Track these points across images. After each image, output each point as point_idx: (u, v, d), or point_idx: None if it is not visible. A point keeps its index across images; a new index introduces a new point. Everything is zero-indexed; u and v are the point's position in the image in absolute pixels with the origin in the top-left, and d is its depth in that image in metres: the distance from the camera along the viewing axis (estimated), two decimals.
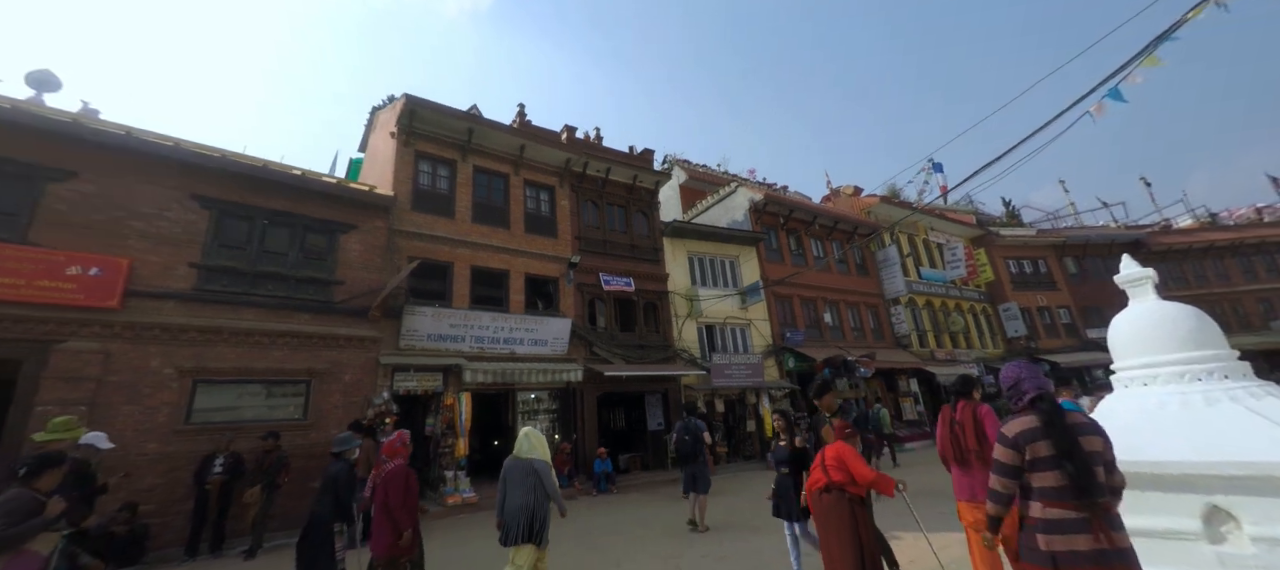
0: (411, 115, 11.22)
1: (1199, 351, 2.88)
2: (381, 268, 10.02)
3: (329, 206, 9.71)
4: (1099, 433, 2.06)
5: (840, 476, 3.48)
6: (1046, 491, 2.00)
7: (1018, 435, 2.11)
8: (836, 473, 3.51)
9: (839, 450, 3.58)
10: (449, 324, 10.26)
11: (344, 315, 9.34)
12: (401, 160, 11.14)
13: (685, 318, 14.11)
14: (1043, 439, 2.04)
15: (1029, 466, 2.07)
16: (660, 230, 14.97)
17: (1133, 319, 3.17)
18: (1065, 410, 2.14)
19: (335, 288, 9.43)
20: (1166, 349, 2.96)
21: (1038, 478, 2.04)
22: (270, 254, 9.01)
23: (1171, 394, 2.85)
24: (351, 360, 9.20)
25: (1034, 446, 2.06)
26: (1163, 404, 2.85)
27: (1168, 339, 2.97)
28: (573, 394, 11.60)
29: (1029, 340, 21.86)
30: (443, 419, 9.71)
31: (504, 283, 11.72)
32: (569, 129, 14.30)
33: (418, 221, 10.84)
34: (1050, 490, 1.99)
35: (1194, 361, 2.87)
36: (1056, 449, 2.00)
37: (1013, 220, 26.31)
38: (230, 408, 8.07)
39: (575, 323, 12.15)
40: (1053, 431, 2.03)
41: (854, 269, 19.68)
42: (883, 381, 17.66)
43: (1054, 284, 23.56)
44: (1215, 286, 24.00)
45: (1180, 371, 2.88)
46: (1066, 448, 1.99)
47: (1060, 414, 2.09)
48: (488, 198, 12.34)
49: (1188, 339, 2.91)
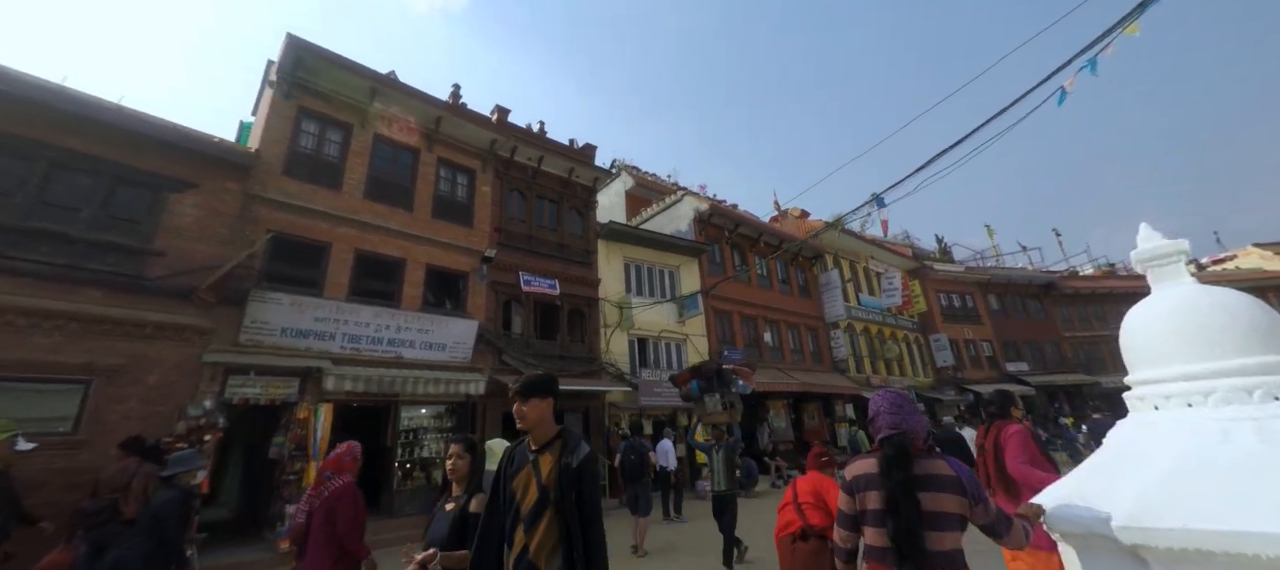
0: (295, 62, 9.29)
1: (1272, 356, 1.89)
2: (228, 241, 7.93)
3: (159, 156, 7.57)
4: (957, 489, 1.70)
5: (821, 519, 2.79)
6: (871, 551, 1.79)
7: (854, 479, 1.88)
8: (815, 513, 2.83)
9: (815, 483, 2.94)
10: (314, 317, 8.28)
11: (158, 296, 7.17)
12: (276, 114, 9.14)
13: (615, 328, 12.77)
14: (877, 488, 1.78)
15: (861, 518, 1.84)
16: (596, 231, 13.65)
17: (1163, 312, 2.16)
18: (930, 456, 1.78)
19: (150, 260, 7.26)
20: (1222, 352, 1.97)
21: (868, 532, 1.80)
22: (52, 208, 6.75)
23: (1236, 420, 1.84)
24: (162, 356, 7.02)
25: (867, 495, 1.81)
26: (1226, 435, 1.83)
27: (1223, 338, 1.98)
28: (473, 409, 9.83)
29: (956, 371, 22.47)
30: (292, 437, 7.66)
31: (398, 273, 9.86)
32: (501, 110, 12.78)
33: (289, 189, 8.84)
34: (873, 550, 1.78)
35: (1269, 371, 1.87)
36: (885, 502, 1.74)
37: (944, 256, 27.49)
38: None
39: (484, 326, 10.46)
40: (887, 481, 1.74)
41: (796, 290, 19.33)
42: (820, 406, 17.13)
43: (979, 318, 24.58)
44: (1114, 327, 26.00)
45: (1246, 386, 1.89)
46: (893, 502, 1.71)
47: (903, 462, 1.75)
48: (389, 173, 10.51)
49: (1254, 338, 1.93)
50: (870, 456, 1.87)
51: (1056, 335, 25.38)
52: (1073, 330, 25.72)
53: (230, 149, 8.22)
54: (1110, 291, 26.49)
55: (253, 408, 7.73)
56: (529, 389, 2.03)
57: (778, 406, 16.27)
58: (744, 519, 8.87)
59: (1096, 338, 25.77)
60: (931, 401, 20.58)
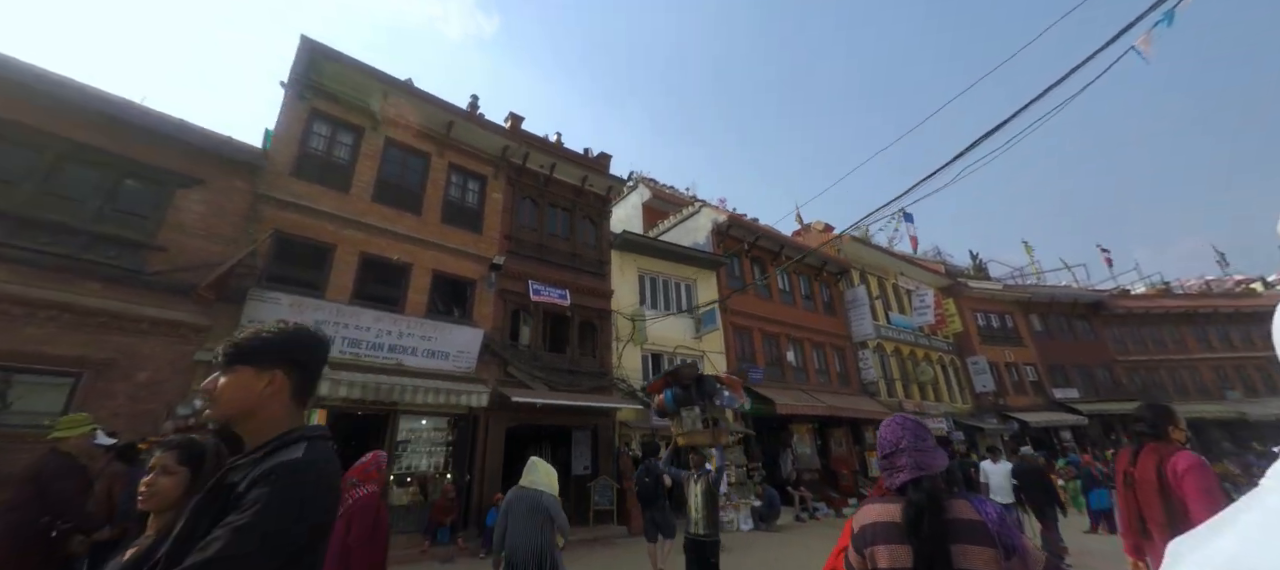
0: (309, 64, 9.33)
1: None
2: (232, 239, 7.79)
3: (167, 152, 7.54)
4: (985, 540, 1.34)
5: None
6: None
7: (864, 530, 1.51)
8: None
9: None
10: (314, 319, 7.98)
11: (157, 291, 7.00)
12: (289, 114, 9.14)
13: (627, 342, 12.17)
14: (902, 542, 1.41)
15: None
16: (609, 241, 13.23)
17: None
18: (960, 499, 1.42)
19: (151, 254, 7.13)
20: None
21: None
22: (57, 198, 6.70)
23: None
24: (155, 352, 6.79)
25: (879, 550, 1.44)
26: None
27: None
28: (474, 423, 9.30)
29: (997, 397, 20.83)
30: None
31: (403, 278, 9.58)
32: (515, 118, 12.68)
33: (296, 190, 8.73)
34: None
35: None
36: (913, 560, 1.38)
37: (980, 273, 26.00)
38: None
39: (490, 336, 10.02)
40: (916, 535, 1.38)
41: (821, 307, 18.37)
42: (848, 431, 15.94)
43: (1021, 340, 22.92)
44: (1172, 353, 23.94)
45: None
46: (926, 561, 1.35)
47: (936, 511, 1.38)
48: (400, 177, 10.37)
49: None
50: (885, 502, 1.53)
51: (1108, 359, 23.40)
52: (1126, 354, 23.68)
53: (240, 148, 8.17)
54: (1167, 312, 24.40)
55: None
56: (237, 354, 1.14)
57: (802, 431, 15.21)
58: (766, 557, 8.00)
59: (1155, 361, 23.64)
60: (971, 430, 19.02)
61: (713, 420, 5.44)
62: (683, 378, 5.72)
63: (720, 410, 5.57)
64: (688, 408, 5.52)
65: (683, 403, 5.55)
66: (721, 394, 5.63)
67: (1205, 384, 23.44)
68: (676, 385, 5.67)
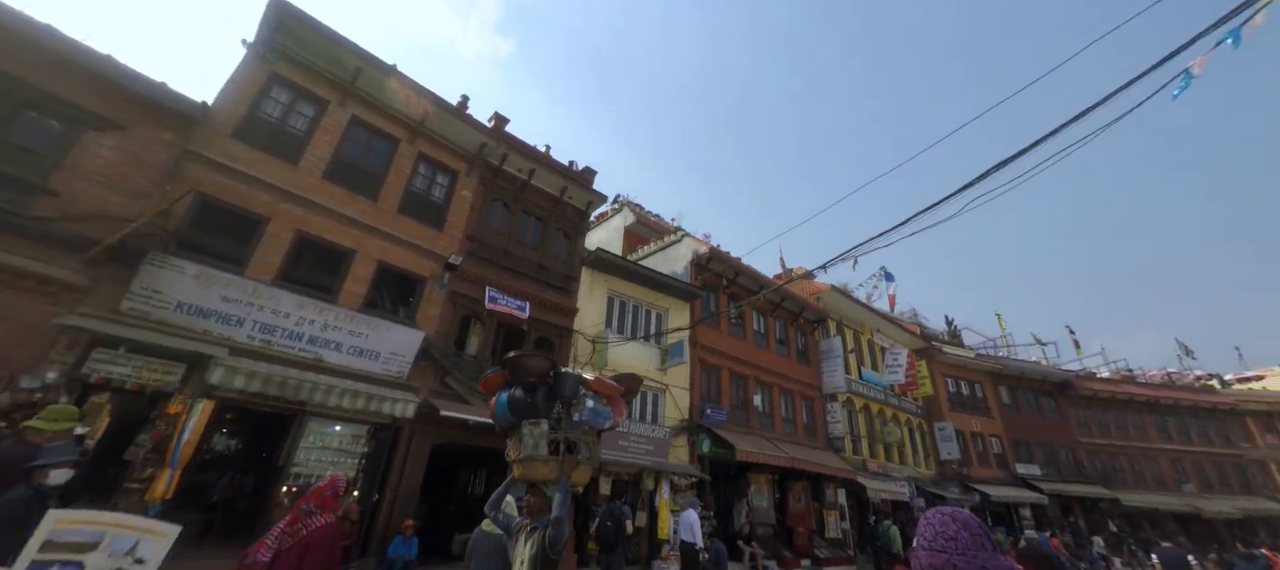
0: (277, 26, 8.65)
1: None
2: (144, 194, 6.89)
3: (83, 87, 6.69)
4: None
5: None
6: None
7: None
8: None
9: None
10: (222, 295, 7.05)
11: (33, 240, 6.01)
12: (245, 74, 8.39)
13: (585, 365, 11.36)
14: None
15: None
16: (582, 258, 12.58)
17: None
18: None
19: (39, 198, 6.17)
20: None
21: None
22: None
23: None
24: (7, 309, 5.75)
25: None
26: None
27: None
28: (396, 435, 8.30)
29: (961, 466, 20.42)
30: (153, 436, 6.20)
31: (343, 265, 8.71)
32: (500, 118, 12.12)
33: (234, 152, 7.90)
34: None
35: None
36: None
37: (954, 339, 26.07)
38: None
39: (432, 340, 9.13)
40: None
41: (794, 353, 17.88)
42: (808, 486, 15.20)
43: (989, 411, 22.76)
44: (1133, 439, 24.10)
45: None
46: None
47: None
48: (361, 158, 9.63)
49: None
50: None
51: (1072, 439, 23.36)
52: (1090, 436, 23.70)
53: (175, 96, 7.35)
54: (1131, 398, 24.69)
55: (118, 391, 6.31)
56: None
57: (760, 481, 14.40)
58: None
59: (1115, 447, 23.70)
60: (933, 498, 18.45)
61: (566, 443, 3.43)
62: (529, 370, 3.53)
63: (581, 429, 3.52)
64: (532, 422, 3.39)
65: (524, 412, 3.47)
66: (585, 405, 3.54)
67: (1162, 475, 23.54)
68: (518, 384, 3.54)
